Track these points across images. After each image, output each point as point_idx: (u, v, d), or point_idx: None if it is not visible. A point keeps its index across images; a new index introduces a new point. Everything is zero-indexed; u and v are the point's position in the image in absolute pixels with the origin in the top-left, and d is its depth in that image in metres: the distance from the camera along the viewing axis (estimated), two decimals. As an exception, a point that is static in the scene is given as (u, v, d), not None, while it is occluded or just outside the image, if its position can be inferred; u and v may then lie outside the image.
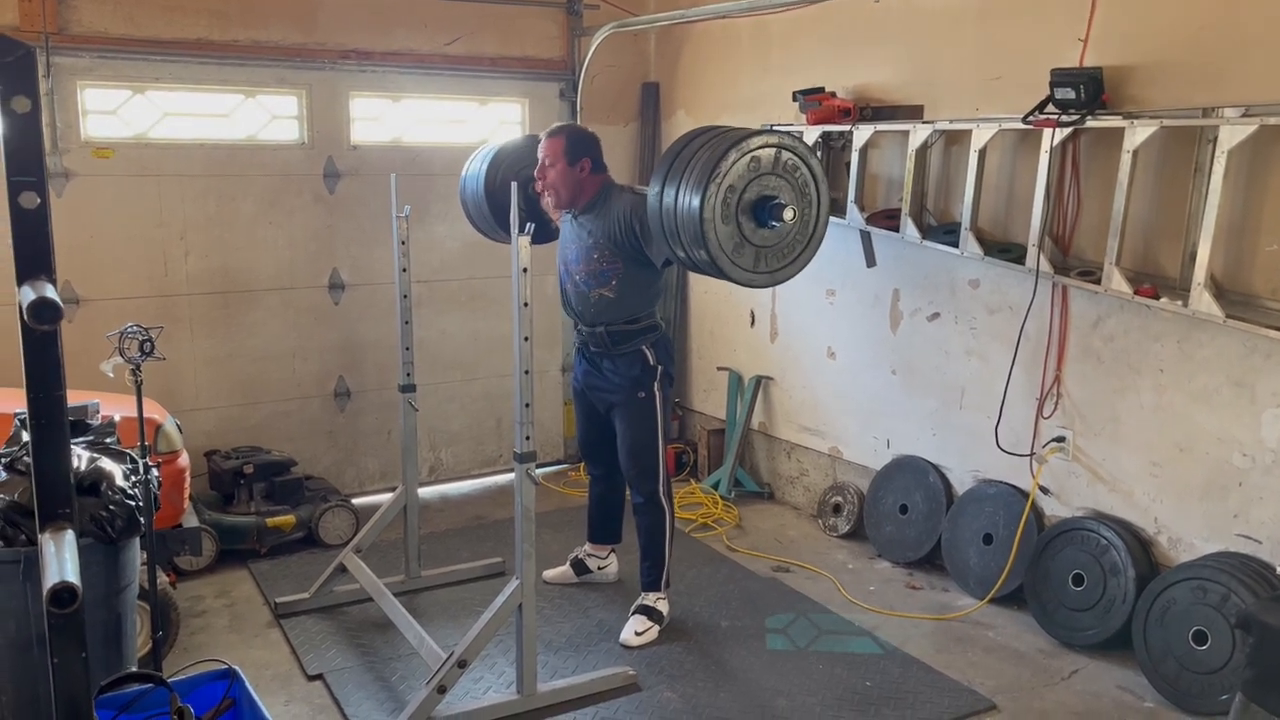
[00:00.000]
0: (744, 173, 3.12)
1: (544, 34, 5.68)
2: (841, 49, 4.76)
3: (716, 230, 3.13)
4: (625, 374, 3.87)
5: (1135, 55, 3.59)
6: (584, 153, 3.77)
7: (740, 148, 3.10)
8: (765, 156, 3.14)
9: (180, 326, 4.83)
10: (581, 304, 3.87)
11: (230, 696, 2.60)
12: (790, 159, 3.20)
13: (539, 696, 3.37)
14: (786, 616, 4.05)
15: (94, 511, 2.85)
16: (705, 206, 3.08)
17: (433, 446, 5.65)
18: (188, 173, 4.81)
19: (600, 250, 3.77)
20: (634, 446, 3.91)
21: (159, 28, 4.65)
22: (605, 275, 3.79)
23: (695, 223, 3.11)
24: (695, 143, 3.26)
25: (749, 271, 3.27)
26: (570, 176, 3.76)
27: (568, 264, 3.92)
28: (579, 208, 3.84)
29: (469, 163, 4.23)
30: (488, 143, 4.22)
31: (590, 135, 3.85)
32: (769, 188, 3.17)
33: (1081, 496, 4.00)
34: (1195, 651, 3.36)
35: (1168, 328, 3.62)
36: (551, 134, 3.78)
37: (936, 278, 4.47)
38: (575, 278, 3.87)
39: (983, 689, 3.52)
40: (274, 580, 4.35)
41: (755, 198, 3.16)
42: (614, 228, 3.73)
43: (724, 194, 3.09)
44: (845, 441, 5.09)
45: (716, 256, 3.16)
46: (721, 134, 3.23)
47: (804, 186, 3.23)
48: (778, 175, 3.18)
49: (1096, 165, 3.78)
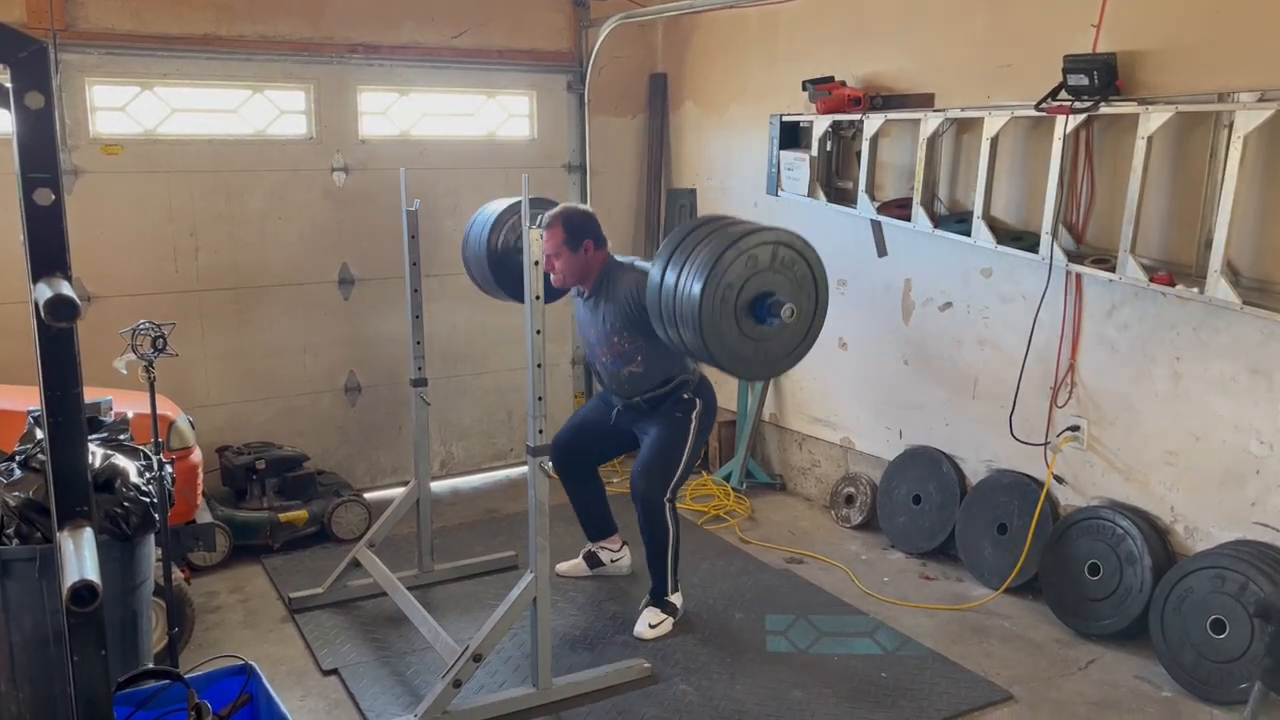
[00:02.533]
0: (742, 271, 3.11)
1: (551, 26, 5.66)
2: (851, 37, 4.73)
3: (719, 329, 3.13)
4: (668, 411, 3.92)
5: (1149, 40, 3.56)
6: (584, 235, 3.82)
7: (738, 247, 3.08)
8: (762, 255, 3.13)
9: (191, 322, 4.83)
10: (614, 381, 3.96)
11: (247, 692, 2.60)
12: (788, 254, 3.19)
13: (554, 690, 3.37)
14: (786, 618, 3.99)
15: (109, 508, 2.85)
16: (705, 307, 3.07)
17: (444, 440, 5.66)
18: (196, 169, 4.81)
19: (619, 333, 3.85)
20: (651, 462, 3.90)
21: (166, 23, 4.64)
22: (630, 354, 3.87)
23: (695, 318, 3.10)
24: (698, 232, 3.24)
25: (749, 367, 3.33)
26: (576, 261, 3.83)
27: (591, 346, 4.01)
28: (588, 289, 3.92)
29: (471, 224, 4.24)
30: (489, 206, 4.19)
31: (586, 215, 3.89)
32: (767, 284, 3.16)
33: (1097, 486, 3.97)
34: (1213, 640, 3.34)
35: (1183, 315, 3.60)
36: (548, 225, 3.76)
37: (948, 267, 4.44)
38: (602, 359, 3.96)
39: (999, 680, 3.50)
40: (287, 575, 4.35)
41: (754, 295, 3.15)
42: (626, 308, 3.79)
43: (722, 292, 3.09)
44: (857, 432, 5.07)
45: (717, 354, 3.17)
46: (723, 228, 3.21)
47: (802, 280, 3.22)
48: (775, 271, 3.17)
49: (1110, 152, 3.75)
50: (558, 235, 3.77)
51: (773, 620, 3.97)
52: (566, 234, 3.78)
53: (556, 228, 3.78)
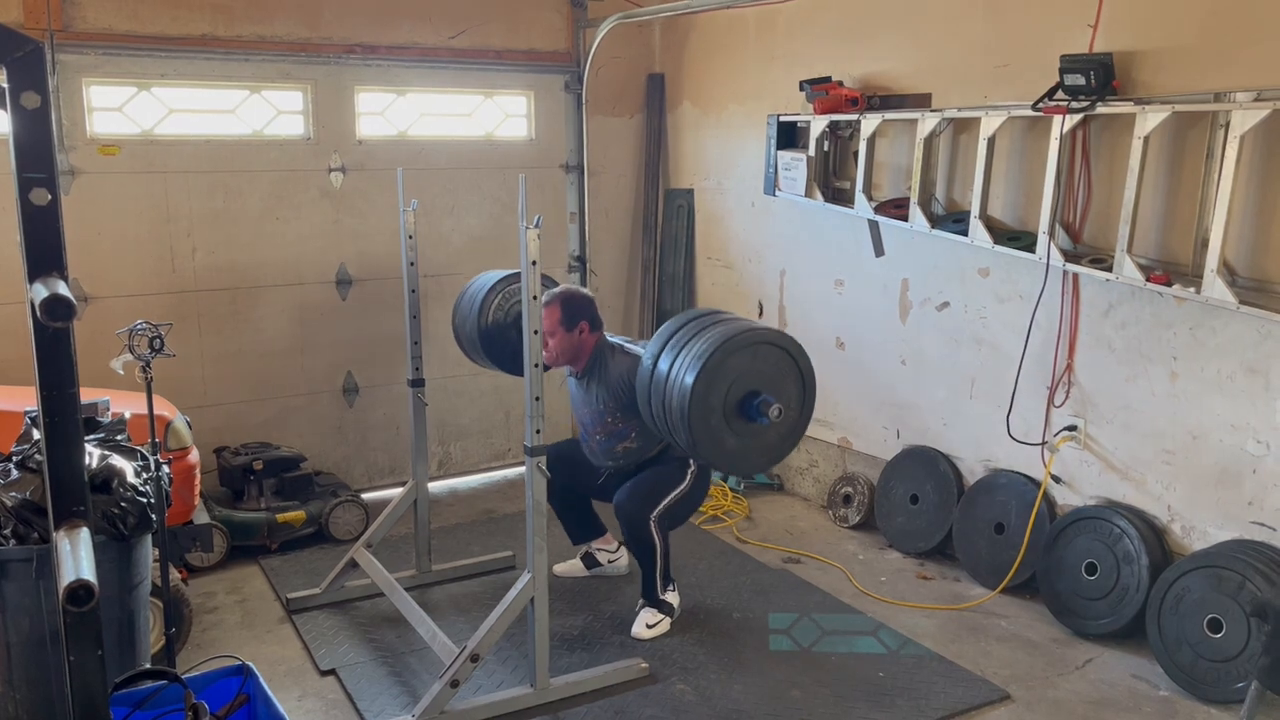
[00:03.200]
0: (725, 376, 3.15)
1: (549, 26, 5.66)
2: (848, 38, 4.74)
3: (711, 433, 3.20)
4: (665, 460, 3.97)
5: (1146, 40, 3.56)
6: (580, 316, 3.85)
7: (714, 358, 3.12)
8: (739, 360, 3.17)
9: (188, 323, 4.83)
10: (610, 458, 4.01)
11: (244, 692, 2.60)
12: (767, 350, 3.25)
13: (552, 690, 3.37)
14: (789, 616, 4.01)
15: (106, 509, 2.85)
16: (694, 430, 3.14)
17: (442, 441, 5.65)
18: (194, 169, 4.81)
19: (612, 414, 3.90)
20: (640, 480, 3.89)
21: (164, 24, 4.64)
22: (623, 433, 3.92)
23: (685, 424, 3.15)
24: (680, 334, 3.29)
25: (743, 460, 3.43)
26: (570, 341, 3.86)
27: (585, 426, 4.05)
28: (579, 370, 3.94)
29: (460, 295, 4.28)
30: (479, 279, 4.22)
31: (583, 296, 3.91)
32: (752, 384, 3.20)
33: (1094, 485, 3.98)
34: (1210, 639, 3.35)
35: (1180, 315, 3.60)
36: (547, 304, 3.78)
37: (946, 267, 4.45)
38: (596, 438, 3.99)
39: (996, 679, 3.51)
40: (285, 576, 4.35)
41: (740, 398, 3.20)
42: (618, 390, 3.85)
43: (710, 404, 3.15)
44: (855, 432, 5.08)
45: (713, 459, 3.33)
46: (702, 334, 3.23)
47: (785, 369, 3.28)
48: (756, 371, 3.22)
49: (1107, 152, 3.76)
50: (555, 314, 3.81)
51: (776, 619, 3.98)
52: (564, 314, 3.82)
53: (555, 306, 3.81)
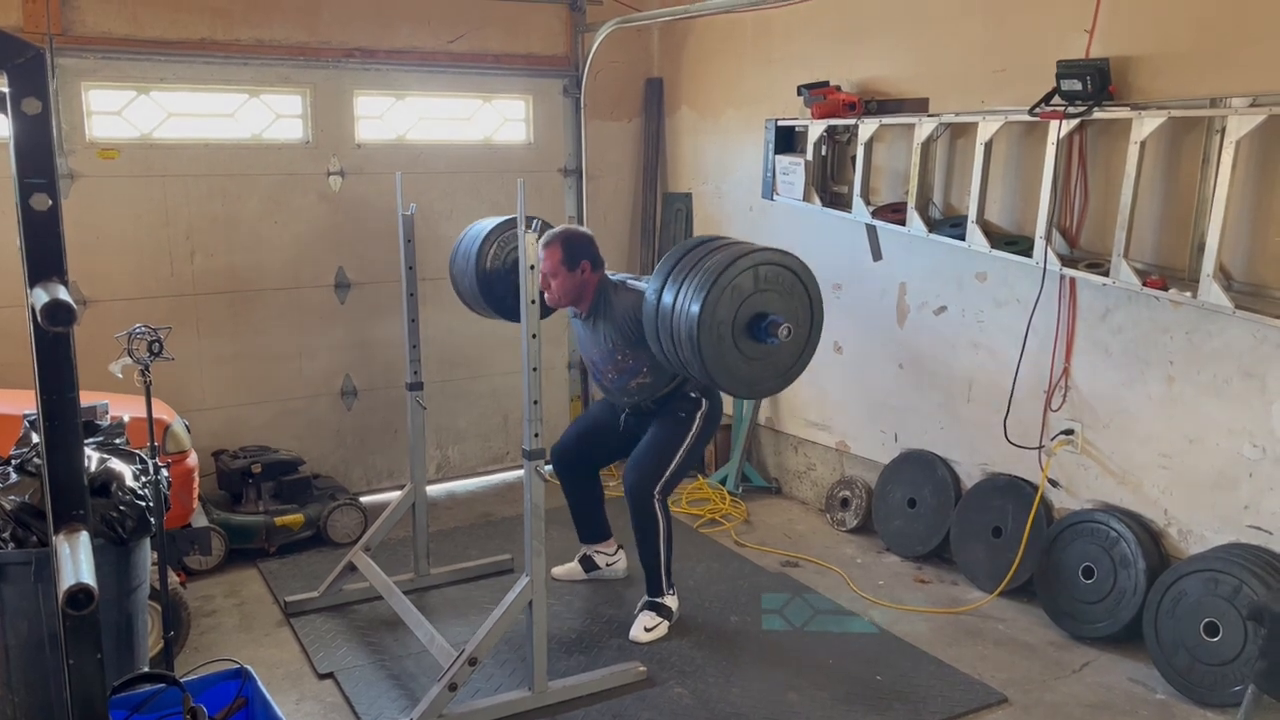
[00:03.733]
0: (731, 302, 3.12)
1: (548, 30, 5.67)
2: (845, 42, 4.75)
3: (722, 359, 3.16)
4: (672, 410, 3.94)
5: (1142, 46, 3.58)
6: (581, 256, 3.83)
7: (718, 284, 3.09)
8: (744, 283, 3.14)
9: (186, 326, 4.83)
10: (623, 394, 3.98)
11: (242, 696, 2.60)
12: (769, 271, 3.19)
13: (550, 693, 3.37)
14: (782, 596, 4.09)
15: (105, 512, 2.85)
16: (703, 343, 3.10)
17: (440, 444, 5.66)
18: (193, 173, 4.81)
19: (621, 351, 3.87)
20: (645, 454, 3.92)
21: (163, 28, 4.65)
22: (635, 368, 3.89)
23: (696, 351, 3.13)
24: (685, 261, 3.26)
25: (753, 384, 3.35)
26: (572, 281, 3.84)
27: (595, 365, 4.02)
28: (584, 311, 3.92)
29: (459, 241, 4.26)
30: (477, 224, 4.21)
31: (584, 236, 3.89)
32: (759, 305, 3.18)
33: (1091, 489, 3.99)
34: (1207, 643, 3.36)
35: (1177, 319, 3.61)
36: (547, 245, 3.79)
37: (943, 271, 4.46)
38: (608, 375, 3.97)
39: (994, 682, 3.51)
40: (283, 579, 4.35)
41: (748, 319, 3.17)
42: (625, 327, 3.81)
43: (718, 329, 3.11)
44: (852, 436, 5.08)
45: (722, 381, 3.23)
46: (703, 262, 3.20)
47: (791, 288, 3.23)
48: (762, 291, 3.18)
49: (1103, 157, 3.77)
50: (556, 255, 3.78)
51: (769, 599, 4.12)
52: (565, 254, 3.79)
53: (555, 247, 3.79)
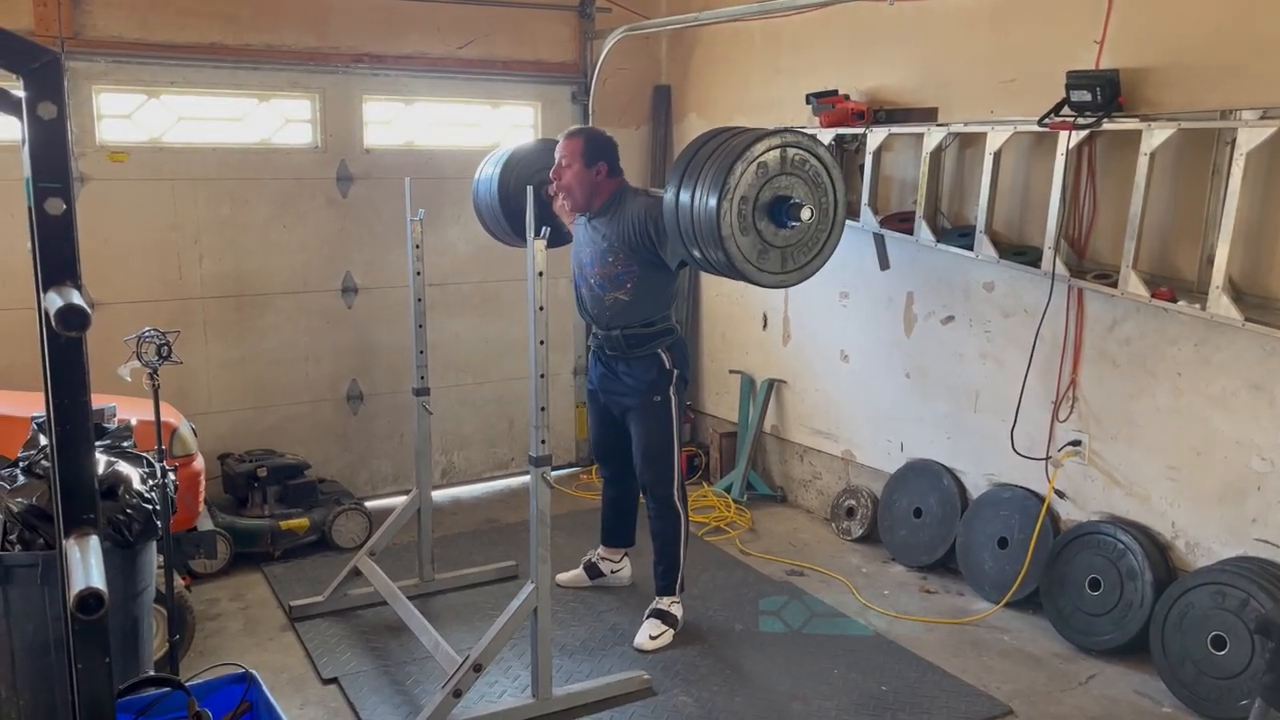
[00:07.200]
0: (754, 180, 3.11)
1: (556, 37, 5.68)
2: (854, 51, 4.75)
3: (738, 242, 3.13)
4: (641, 378, 3.87)
5: (1152, 57, 3.57)
6: (601, 156, 3.76)
7: (745, 158, 3.09)
8: (771, 160, 3.12)
9: (194, 330, 4.84)
10: (597, 307, 3.87)
11: (247, 700, 2.60)
12: (797, 154, 3.17)
13: (554, 700, 3.37)
14: (780, 599, 4.09)
15: (112, 515, 2.85)
16: (722, 223, 3.07)
17: (445, 450, 5.66)
18: (202, 176, 4.83)
19: (615, 254, 3.77)
20: (648, 450, 3.91)
21: (173, 32, 4.67)
22: (620, 279, 3.78)
23: (714, 235, 3.11)
24: (705, 149, 3.24)
25: (777, 274, 3.28)
26: (586, 178, 3.75)
27: (583, 267, 3.92)
28: (593, 211, 3.83)
29: (482, 166, 4.23)
30: (500, 146, 4.21)
31: (608, 139, 3.84)
32: (782, 188, 3.16)
33: (1097, 500, 3.98)
34: (1214, 656, 3.34)
35: (1185, 331, 3.61)
36: (570, 135, 3.78)
37: (951, 281, 4.46)
38: (590, 281, 3.87)
39: (999, 694, 3.50)
40: (288, 583, 4.35)
41: (770, 201, 3.15)
42: (628, 230, 3.72)
43: (739, 206, 3.09)
44: (858, 445, 5.08)
45: (743, 267, 3.17)
46: (727, 141, 3.21)
47: (816, 177, 3.21)
48: (788, 174, 3.17)
49: (1113, 168, 3.77)
50: (577, 145, 3.73)
51: (766, 602, 4.14)
52: (586, 148, 3.73)
53: (578, 139, 3.75)
